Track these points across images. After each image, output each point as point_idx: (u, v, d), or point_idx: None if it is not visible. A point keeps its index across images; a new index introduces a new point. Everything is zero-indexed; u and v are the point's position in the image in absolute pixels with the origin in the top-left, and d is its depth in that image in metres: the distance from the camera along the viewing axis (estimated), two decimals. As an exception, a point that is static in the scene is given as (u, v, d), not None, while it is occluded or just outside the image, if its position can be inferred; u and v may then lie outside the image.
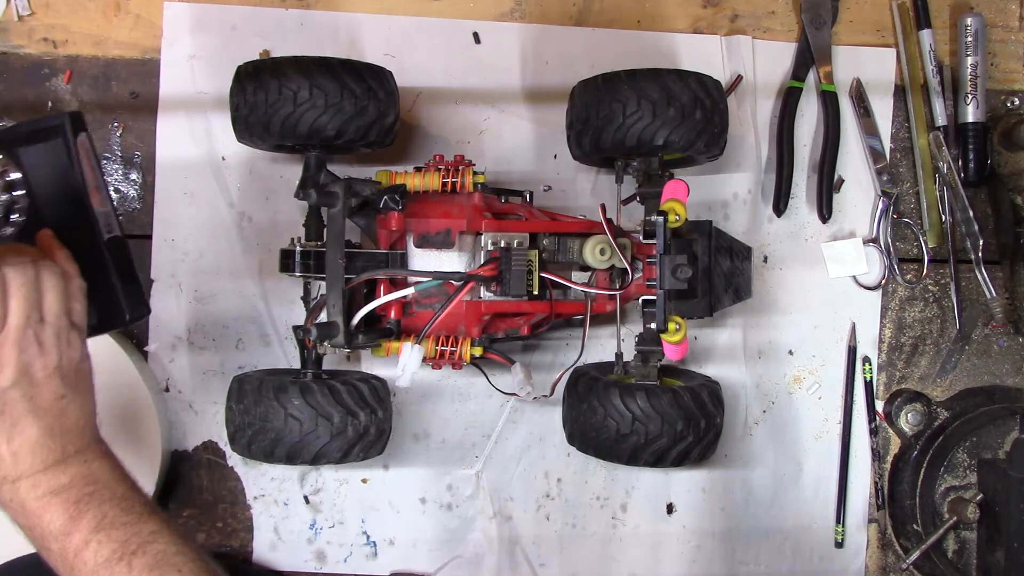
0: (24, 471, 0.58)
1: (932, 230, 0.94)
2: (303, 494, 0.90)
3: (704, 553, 0.92)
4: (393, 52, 0.90)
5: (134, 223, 0.88)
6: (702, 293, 0.83)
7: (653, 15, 0.93)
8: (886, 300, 0.94)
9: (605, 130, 0.78)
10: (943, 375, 0.95)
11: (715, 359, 0.92)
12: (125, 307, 0.67)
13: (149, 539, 0.59)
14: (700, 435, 0.76)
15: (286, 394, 0.73)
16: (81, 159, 0.65)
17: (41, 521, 0.58)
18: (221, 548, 0.89)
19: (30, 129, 0.65)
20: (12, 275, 0.58)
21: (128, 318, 0.67)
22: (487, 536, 0.91)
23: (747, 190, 0.93)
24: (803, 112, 0.93)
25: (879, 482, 0.93)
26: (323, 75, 0.73)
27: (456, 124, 0.91)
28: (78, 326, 0.62)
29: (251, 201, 0.89)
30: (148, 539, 0.59)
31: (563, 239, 0.81)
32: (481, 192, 0.79)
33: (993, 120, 0.93)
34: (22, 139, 0.65)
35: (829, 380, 0.93)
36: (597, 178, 0.92)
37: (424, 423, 0.91)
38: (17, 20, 0.87)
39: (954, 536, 0.90)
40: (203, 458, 0.89)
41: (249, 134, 0.76)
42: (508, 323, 0.81)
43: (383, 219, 0.79)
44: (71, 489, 0.59)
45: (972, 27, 0.92)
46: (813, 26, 0.92)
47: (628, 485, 0.92)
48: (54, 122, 0.64)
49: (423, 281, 0.78)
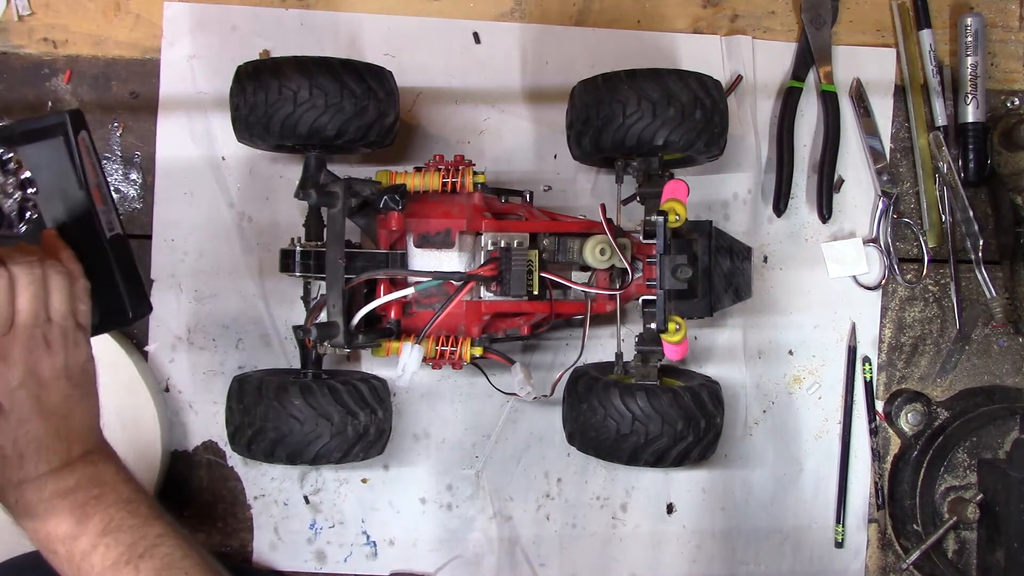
0: (30, 473, 0.58)
1: (932, 230, 0.94)
2: (303, 494, 0.90)
3: (704, 553, 0.92)
4: (393, 52, 0.90)
5: (134, 223, 0.88)
6: (702, 293, 0.83)
7: (653, 15, 0.93)
8: (886, 300, 0.94)
9: (605, 130, 0.78)
10: (943, 375, 0.95)
11: (715, 359, 0.92)
12: (128, 305, 0.67)
13: (156, 542, 0.59)
14: (700, 435, 0.76)
15: (286, 394, 0.73)
16: (82, 157, 0.65)
17: (47, 524, 0.58)
18: (221, 548, 0.89)
19: (30, 128, 0.65)
20: (20, 274, 0.58)
21: (131, 316, 0.67)
22: (487, 536, 0.91)
23: (747, 190, 0.93)
24: (803, 112, 0.93)
25: (879, 482, 0.93)
26: (323, 75, 0.73)
27: (456, 124, 0.91)
28: (83, 326, 0.62)
29: (251, 201, 0.89)
30: (155, 542, 0.59)
31: (563, 239, 0.81)
32: (481, 192, 0.79)
33: (993, 120, 0.93)
34: (23, 137, 0.65)
35: (829, 380, 0.93)
36: (597, 178, 0.92)
37: (424, 423, 0.91)
38: (17, 20, 0.87)
39: (954, 536, 0.90)
40: (203, 458, 0.89)
41: (249, 134, 0.76)
42: (508, 323, 0.81)
43: (383, 219, 0.79)
44: (78, 492, 0.59)
45: (972, 27, 0.92)
46: (813, 26, 0.92)
47: (628, 485, 0.92)
48: (54, 120, 0.64)
49: (423, 281, 0.78)
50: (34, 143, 0.65)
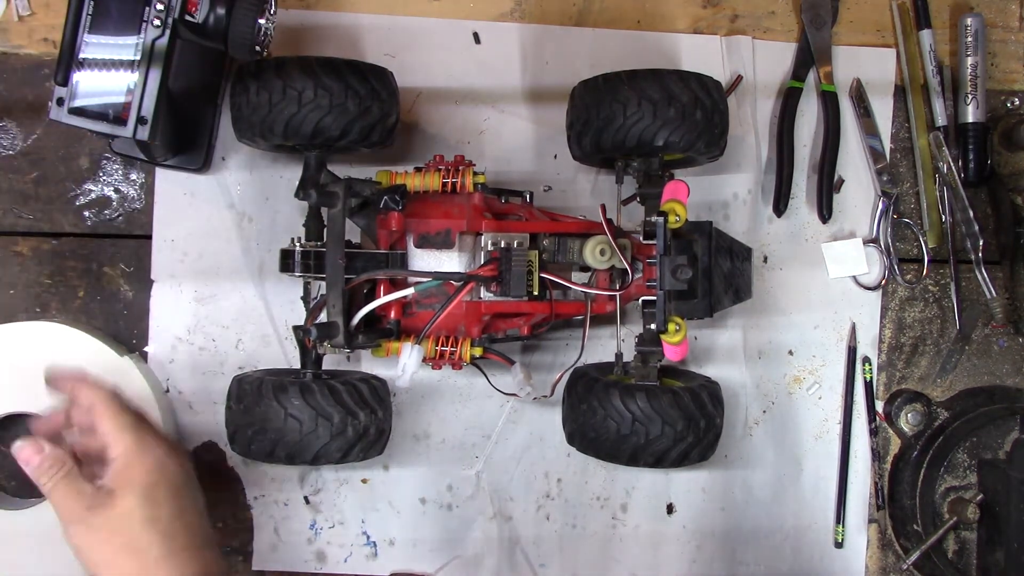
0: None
1: (932, 230, 0.94)
2: (303, 494, 0.90)
3: (704, 553, 0.92)
4: (393, 52, 0.90)
5: (134, 223, 0.88)
6: (702, 294, 0.83)
7: (653, 15, 0.93)
8: (886, 300, 0.94)
9: (605, 130, 0.78)
10: (943, 375, 0.95)
11: (715, 359, 0.92)
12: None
13: None
14: (700, 436, 0.76)
15: (286, 394, 0.73)
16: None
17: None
18: (221, 548, 0.89)
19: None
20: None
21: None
22: (487, 536, 0.91)
23: (747, 190, 0.93)
24: (803, 112, 0.93)
25: (879, 482, 0.93)
26: (328, 75, 0.73)
27: (456, 124, 0.91)
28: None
29: (251, 201, 0.89)
30: None
31: (563, 239, 0.81)
32: (481, 192, 0.79)
33: (993, 120, 0.93)
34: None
35: (829, 380, 0.93)
36: (597, 178, 0.92)
37: (424, 423, 0.91)
38: (17, 20, 0.87)
39: (954, 536, 0.90)
40: (203, 458, 0.89)
41: (250, 134, 0.76)
42: (508, 323, 0.81)
43: (383, 219, 0.79)
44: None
45: (972, 27, 0.92)
46: (813, 26, 0.92)
47: (628, 485, 0.92)
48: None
49: (423, 281, 0.78)
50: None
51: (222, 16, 0.68)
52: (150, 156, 0.85)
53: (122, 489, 0.64)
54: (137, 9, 0.67)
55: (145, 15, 0.67)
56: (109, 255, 0.88)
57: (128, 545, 0.63)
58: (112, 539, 0.63)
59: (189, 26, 0.69)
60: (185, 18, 0.68)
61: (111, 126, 0.68)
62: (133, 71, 0.68)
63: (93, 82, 0.68)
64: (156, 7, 0.67)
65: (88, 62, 0.68)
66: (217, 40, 0.70)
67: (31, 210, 0.87)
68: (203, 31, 0.69)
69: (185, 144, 0.85)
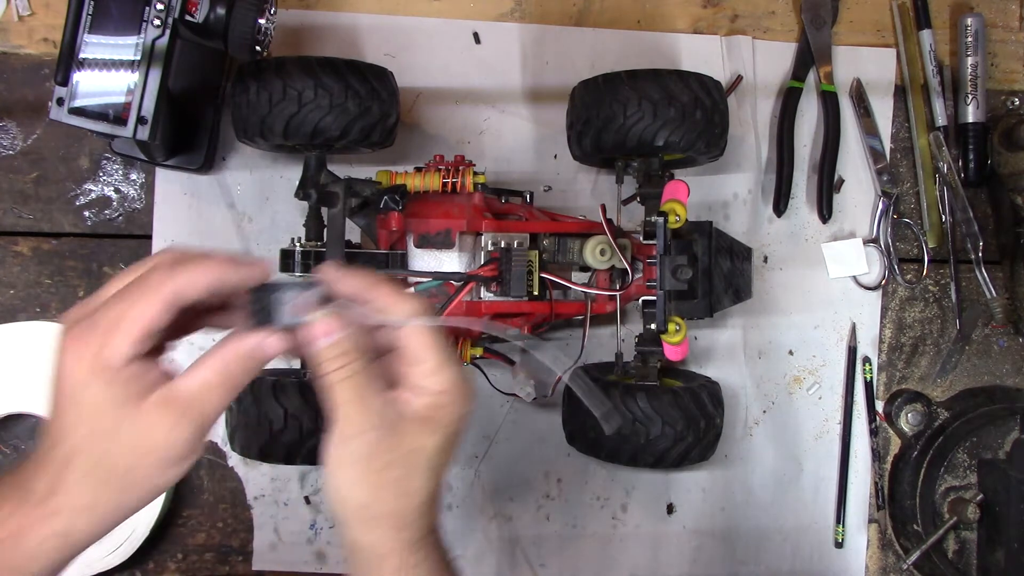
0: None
1: (932, 230, 0.94)
2: (303, 494, 0.90)
3: (704, 553, 0.92)
4: (393, 52, 0.90)
5: (134, 223, 0.88)
6: (702, 294, 0.83)
7: (653, 15, 0.93)
8: (886, 300, 0.94)
9: (605, 130, 0.78)
10: (943, 375, 0.95)
11: (715, 359, 0.92)
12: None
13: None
14: (700, 436, 0.76)
15: (286, 394, 0.73)
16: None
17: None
18: (221, 548, 0.89)
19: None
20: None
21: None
22: (487, 536, 0.91)
23: (747, 190, 0.93)
24: (803, 112, 0.93)
25: (879, 482, 0.93)
26: (327, 75, 0.73)
27: (456, 124, 0.91)
28: None
29: (251, 201, 0.89)
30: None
31: (563, 239, 0.81)
32: (481, 192, 0.79)
33: (993, 120, 0.93)
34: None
35: (829, 380, 0.94)
36: (597, 178, 0.92)
37: (424, 423, 0.90)
38: (17, 20, 0.87)
39: (954, 536, 0.90)
40: (203, 458, 0.89)
41: (250, 134, 0.76)
42: (508, 323, 0.81)
43: (383, 219, 0.79)
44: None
45: (972, 27, 0.92)
46: (813, 26, 0.92)
47: (628, 485, 0.92)
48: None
49: (423, 281, 0.78)
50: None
51: (222, 16, 0.68)
52: (150, 156, 0.85)
53: (426, 425, 0.53)
54: (137, 9, 0.67)
55: (145, 15, 0.67)
56: (109, 255, 0.88)
57: (399, 482, 0.53)
58: (386, 472, 0.52)
59: (189, 26, 0.69)
60: (185, 18, 0.68)
61: (111, 126, 0.68)
62: (133, 71, 0.68)
63: (93, 82, 0.68)
64: (156, 7, 0.67)
65: (88, 62, 0.68)
66: (217, 40, 0.70)
67: (31, 210, 0.87)
68: (203, 31, 0.69)
69: (185, 144, 0.85)
